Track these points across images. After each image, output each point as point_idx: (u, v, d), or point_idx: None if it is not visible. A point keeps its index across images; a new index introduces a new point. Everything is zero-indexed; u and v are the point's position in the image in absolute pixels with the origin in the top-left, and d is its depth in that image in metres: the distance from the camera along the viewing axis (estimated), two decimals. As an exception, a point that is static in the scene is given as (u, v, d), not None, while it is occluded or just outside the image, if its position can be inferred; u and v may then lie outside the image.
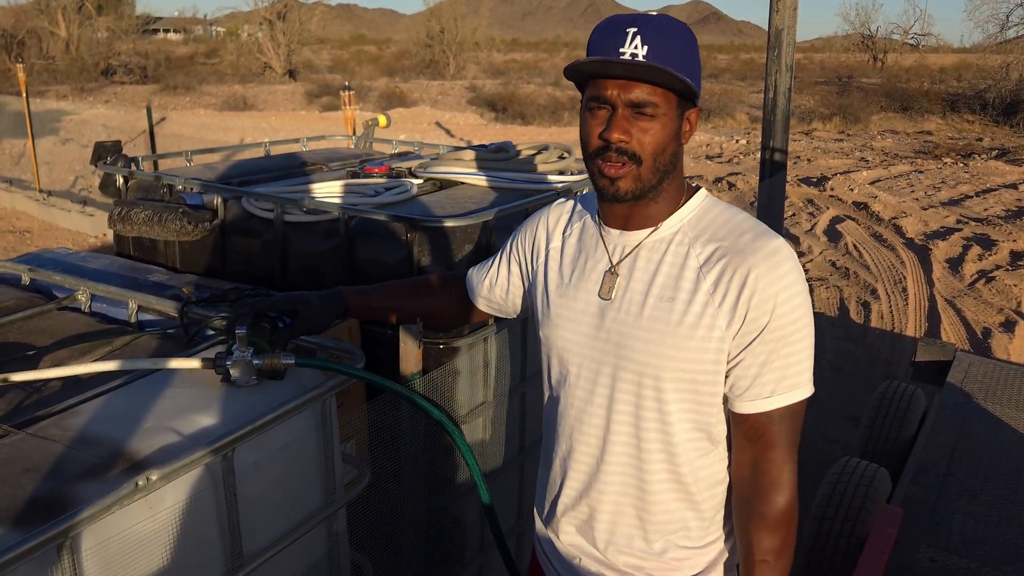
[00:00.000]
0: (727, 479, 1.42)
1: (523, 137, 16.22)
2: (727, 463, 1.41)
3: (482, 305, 1.76)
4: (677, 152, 1.34)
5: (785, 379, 1.30)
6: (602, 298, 1.38)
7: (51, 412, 1.58)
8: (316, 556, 1.80)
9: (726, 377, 1.33)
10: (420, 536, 2.30)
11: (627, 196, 1.33)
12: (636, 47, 1.25)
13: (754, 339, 1.29)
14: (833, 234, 9.21)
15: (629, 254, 1.38)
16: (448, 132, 17.54)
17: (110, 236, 9.29)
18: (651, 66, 1.25)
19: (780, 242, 1.31)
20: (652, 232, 1.37)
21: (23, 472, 1.36)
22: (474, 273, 1.77)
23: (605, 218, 1.43)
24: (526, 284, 1.64)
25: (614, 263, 1.39)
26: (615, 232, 1.41)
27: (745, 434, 1.34)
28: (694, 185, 1.42)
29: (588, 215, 1.50)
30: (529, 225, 1.62)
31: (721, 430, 1.39)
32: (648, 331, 1.33)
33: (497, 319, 2.33)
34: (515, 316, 1.76)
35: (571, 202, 1.59)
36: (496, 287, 1.71)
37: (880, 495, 2.83)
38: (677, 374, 1.31)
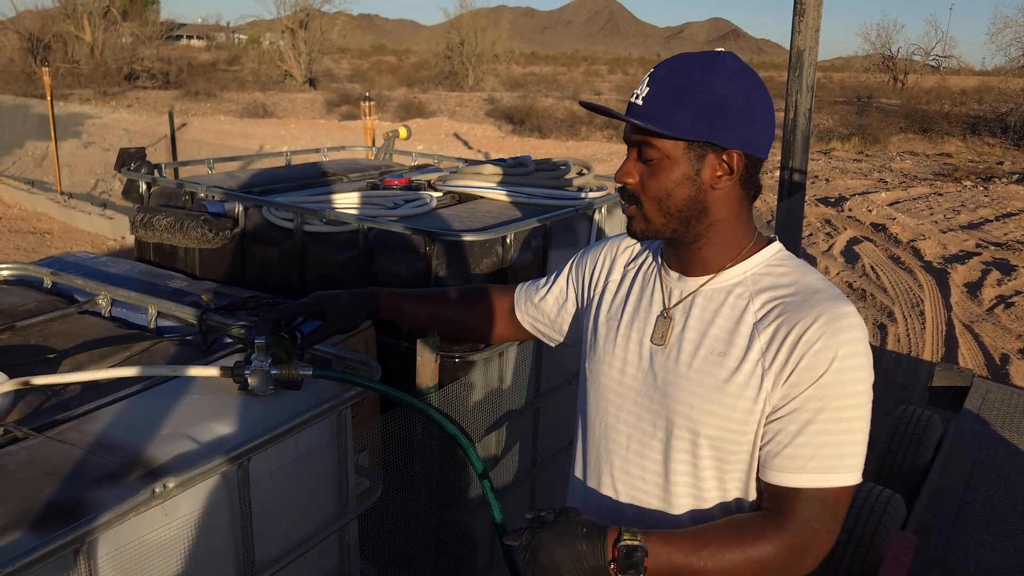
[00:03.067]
0: None
1: (540, 150, 16.25)
2: None
3: (526, 324, 1.69)
4: (698, 198, 1.26)
5: (819, 458, 1.17)
6: (654, 343, 1.33)
7: (70, 416, 1.60)
8: (327, 567, 1.80)
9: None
10: (430, 549, 2.30)
11: (639, 236, 1.31)
12: (642, 89, 1.25)
13: (790, 402, 1.19)
14: (850, 255, 9.16)
15: (684, 299, 1.32)
16: (466, 144, 17.61)
17: (129, 239, 9.35)
18: (637, 110, 1.24)
19: (850, 310, 1.20)
20: (710, 280, 1.31)
21: (42, 475, 1.37)
22: (523, 289, 1.70)
23: (667, 259, 1.38)
24: (578, 311, 1.58)
25: (668, 307, 1.34)
26: (674, 275, 1.35)
27: (768, 503, 1.25)
28: (768, 236, 1.34)
29: (654, 253, 1.44)
30: (592, 252, 1.56)
31: (755, 494, 1.30)
32: (695, 384, 1.26)
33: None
34: (557, 342, 1.69)
35: None
36: (546, 308, 1.64)
37: (894, 521, 2.80)
38: (717, 432, 1.24)
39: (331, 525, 1.76)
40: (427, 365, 1.95)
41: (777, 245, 1.33)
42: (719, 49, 1.27)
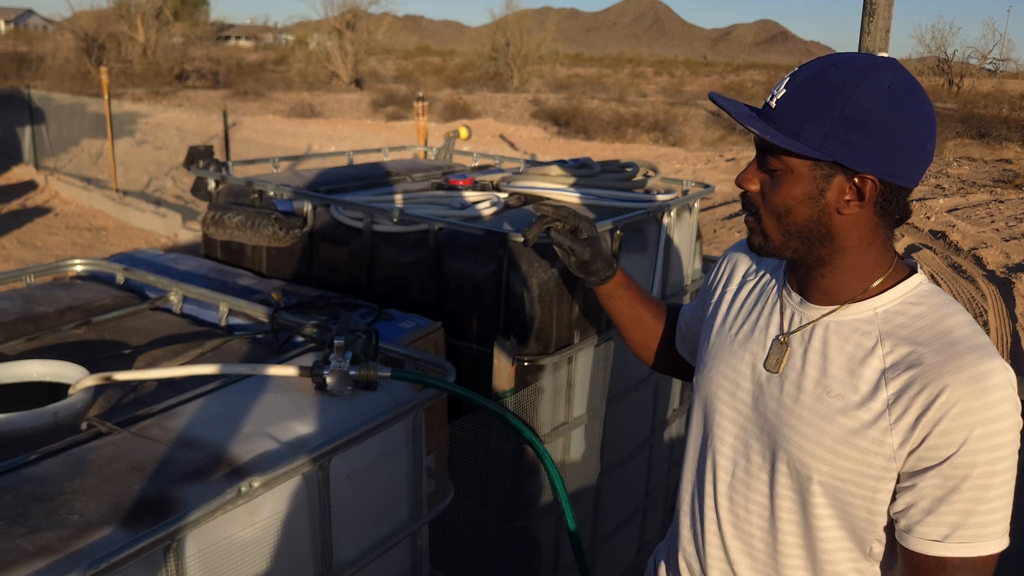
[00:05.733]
0: None
1: (587, 152, 16.18)
2: None
3: (679, 347, 1.63)
4: (821, 220, 1.14)
5: (967, 527, 1.09)
6: (768, 369, 1.24)
7: (151, 412, 1.60)
8: (399, 571, 1.79)
9: (893, 499, 1.15)
10: (495, 554, 2.28)
11: (758, 252, 1.23)
12: (779, 90, 1.14)
13: (929, 468, 1.09)
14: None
15: (804, 327, 1.22)
16: (511, 145, 17.61)
17: (181, 237, 9.46)
18: (751, 115, 1.14)
19: (997, 364, 1.08)
20: (834, 311, 1.19)
21: (129, 471, 1.37)
22: (683, 307, 1.64)
23: (789, 279, 1.28)
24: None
25: (785, 332, 1.24)
26: (796, 298, 1.25)
27: (909, 572, 1.15)
28: (910, 265, 1.21)
29: (778, 266, 1.34)
30: (720, 260, 1.50)
31: (879, 550, 1.21)
32: (807, 424, 1.17)
33: (584, 338, 2.30)
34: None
35: None
36: (687, 327, 1.58)
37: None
38: (830, 480, 1.16)
39: (405, 529, 1.74)
40: (503, 368, 1.92)
41: (917, 279, 1.18)
42: (882, 54, 1.14)
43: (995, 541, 1.09)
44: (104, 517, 1.24)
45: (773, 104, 1.14)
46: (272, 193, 2.60)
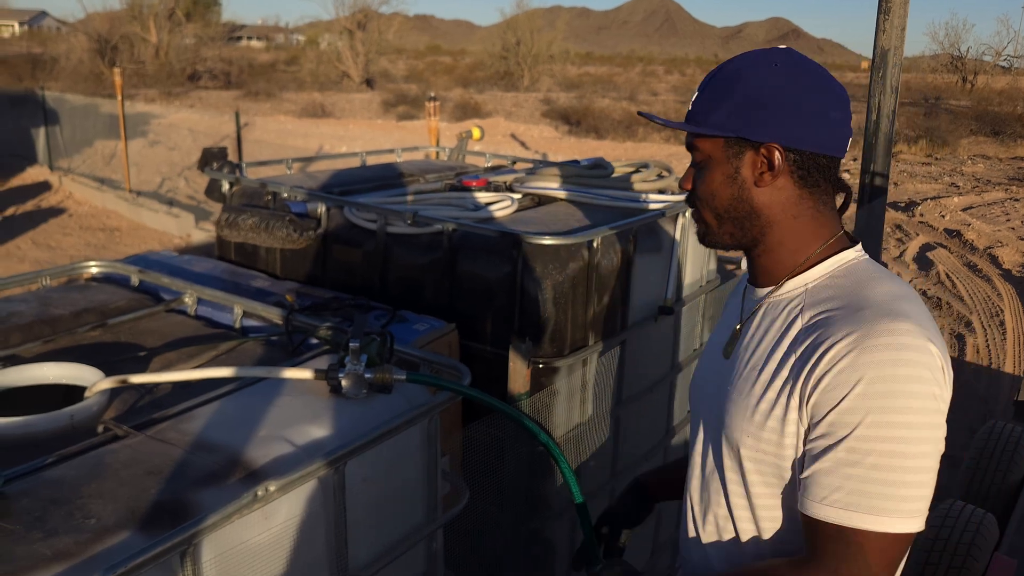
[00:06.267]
0: None
1: (598, 152, 16.15)
2: None
3: None
4: (743, 197, 1.20)
5: (845, 491, 1.03)
6: (724, 357, 1.28)
7: (167, 415, 1.60)
8: (415, 573, 1.79)
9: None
10: (510, 555, 2.27)
11: (703, 242, 1.29)
12: (693, 97, 1.26)
13: (816, 424, 1.08)
14: (923, 262, 8.87)
15: (753, 312, 1.26)
16: (523, 144, 17.59)
17: (194, 237, 9.49)
18: (669, 120, 1.28)
19: (904, 327, 1.04)
20: (772, 291, 1.23)
21: (145, 475, 1.38)
22: None
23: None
24: None
25: (741, 320, 1.28)
26: (751, 287, 1.30)
27: (803, 531, 1.13)
28: (849, 241, 1.22)
29: None
30: None
31: None
32: (736, 400, 1.20)
33: (599, 339, 2.29)
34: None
35: None
36: None
37: (988, 543, 2.67)
38: (755, 454, 1.17)
39: (420, 531, 1.74)
40: (519, 371, 1.91)
41: (850, 253, 1.19)
42: (781, 46, 1.22)
43: (881, 518, 1.02)
44: (121, 521, 1.24)
45: (691, 106, 1.25)
46: (286, 195, 2.60)
